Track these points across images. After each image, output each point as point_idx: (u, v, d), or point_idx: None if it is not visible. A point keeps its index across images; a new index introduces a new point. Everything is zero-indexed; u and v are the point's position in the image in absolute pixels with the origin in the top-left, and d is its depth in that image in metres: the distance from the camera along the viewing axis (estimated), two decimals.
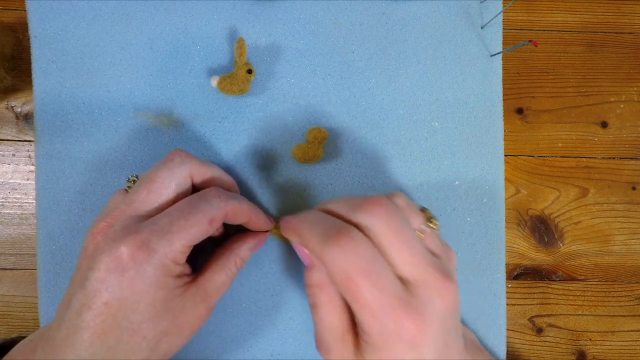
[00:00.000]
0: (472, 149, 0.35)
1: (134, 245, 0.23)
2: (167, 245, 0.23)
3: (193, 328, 0.26)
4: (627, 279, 0.38)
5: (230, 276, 0.28)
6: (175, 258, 0.24)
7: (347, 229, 0.23)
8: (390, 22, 0.35)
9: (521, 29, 0.37)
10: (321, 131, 0.32)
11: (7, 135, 0.34)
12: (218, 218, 0.25)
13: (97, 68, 0.33)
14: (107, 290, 0.23)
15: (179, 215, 0.24)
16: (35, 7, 0.32)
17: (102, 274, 0.23)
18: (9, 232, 0.34)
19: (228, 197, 0.26)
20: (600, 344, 0.37)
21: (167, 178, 0.26)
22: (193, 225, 0.24)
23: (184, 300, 0.25)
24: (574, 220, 0.37)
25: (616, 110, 0.38)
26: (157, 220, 0.24)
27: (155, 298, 0.24)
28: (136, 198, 0.25)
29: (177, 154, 0.27)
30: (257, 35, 0.34)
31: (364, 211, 0.24)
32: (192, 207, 0.25)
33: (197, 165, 0.27)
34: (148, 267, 0.23)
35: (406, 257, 0.23)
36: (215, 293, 0.27)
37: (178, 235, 0.24)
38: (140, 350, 0.24)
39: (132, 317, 0.23)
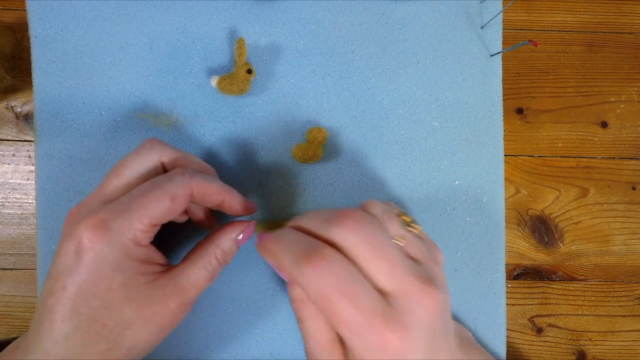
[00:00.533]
0: (472, 149, 0.35)
1: (91, 225, 0.22)
2: (124, 223, 0.23)
3: (162, 323, 0.24)
4: (627, 279, 0.38)
5: (210, 270, 0.26)
6: (135, 237, 0.23)
7: (319, 248, 0.23)
8: (390, 22, 0.35)
9: (521, 29, 0.37)
10: (321, 131, 0.32)
11: (7, 135, 0.34)
12: (180, 195, 0.24)
13: (97, 68, 0.33)
14: (67, 274, 0.22)
15: (139, 193, 0.24)
16: (35, 7, 0.32)
17: (63, 257, 0.23)
18: (9, 232, 0.34)
19: (193, 174, 0.25)
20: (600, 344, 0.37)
21: (135, 162, 0.25)
22: (152, 201, 0.23)
23: (151, 290, 0.24)
24: (574, 220, 0.37)
25: (616, 110, 0.38)
26: (119, 201, 0.24)
27: (113, 281, 0.23)
28: (105, 184, 0.25)
29: (149, 141, 0.26)
30: (257, 35, 0.34)
31: (336, 226, 0.23)
32: (154, 185, 0.24)
33: (167, 150, 0.26)
34: (106, 248, 0.22)
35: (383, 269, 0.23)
36: (190, 287, 0.25)
37: (137, 213, 0.23)
38: (100, 340, 0.23)
39: (91, 302, 0.22)
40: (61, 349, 0.22)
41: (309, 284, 0.22)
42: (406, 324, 0.22)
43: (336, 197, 0.33)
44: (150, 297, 0.23)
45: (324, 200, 0.33)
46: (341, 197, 0.33)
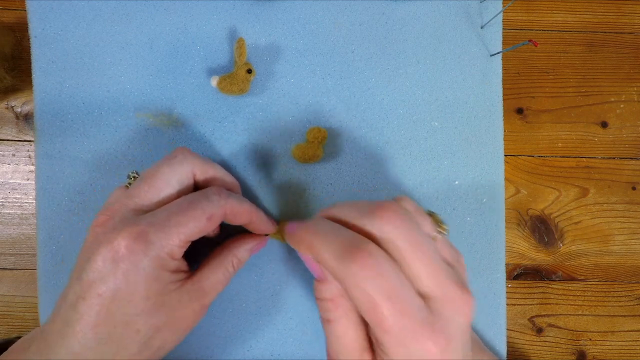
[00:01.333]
0: (472, 148, 0.35)
1: (130, 236, 0.23)
2: (164, 239, 0.23)
3: (187, 325, 0.26)
4: (627, 279, 0.38)
5: (227, 276, 0.28)
6: (172, 252, 0.24)
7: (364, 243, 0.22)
8: (390, 22, 0.35)
9: (521, 29, 0.37)
10: (321, 131, 0.32)
11: (7, 135, 0.34)
12: (217, 215, 0.25)
13: (97, 68, 0.33)
14: (102, 281, 0.23)
15: (178, 210, 0.24)
16: (35, 7, 0.32)
17: (99, 264, 0.23)
18: (9, 232, 0.34)
19: (228, 196, 0.26)
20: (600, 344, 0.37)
21: (169, 174, 0.26)
22: (191, 220, 0.24)
23: (179, 296, 0.25)
24: (574, 220, 0.37)
25: (616, 110, 0.38)
26: (156, 213, 0.24)
27: (150, 291, 0.23)
28: (137, 193, 0.25)
29: (181, 151, 0.27)
30: (257, 35, 0.34)
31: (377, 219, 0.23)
32: (192, 203, 0.25)
33: (199, 164, 0.27)
34: (144, 259, 0.23)
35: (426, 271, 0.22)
36: (211, 291, 0.26)
37: (176, 230, 0.24)
38: (133, 343, 0.23)
39: (126, 309, 0.23)
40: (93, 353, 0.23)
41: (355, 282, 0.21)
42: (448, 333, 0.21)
43: (336, 197, 0.33)
44: (179, 302, 0.25)
45: (324, 200, 0.33)
46: (341, 197, 0.34)
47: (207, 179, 0.27)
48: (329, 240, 0.23)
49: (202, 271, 0.27)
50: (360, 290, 0.21)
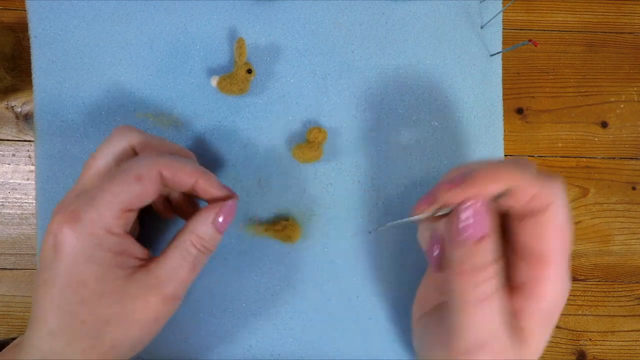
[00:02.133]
0: (472, 148, 0.35)
1: (64, 218, 0.22)
2: (92, 212, 0.22)
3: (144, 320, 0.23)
4: (627, 279, 0.38)
5: (190, 260, 0.24)
6: (106, 225, 0.22)
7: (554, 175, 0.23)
8: (390, 21, 0.35)
9: (521, 29, 0.37)
10: (321, 131, 0.32)
11: (7, 135, 0.34)
12: (147, 175, 0.23)
13: (97, 68, 0.33)
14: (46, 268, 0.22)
15: (107, 179, 0.23)
16: (35, 7, 0.32)
17: (43, 253, 0.23)
18: (9, 232, 0.34)
19: (161, 154, 0.24)
20: (600, 344, 0.37)
21: (104, 152, 0.25)
22: (118, 185, 0.22)
23: (127, 285, 0.23)
24: (574, 220, 0.37)
25: (616, 110, 0.38)
26: (88, 190, 0.23)
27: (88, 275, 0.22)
28: (80, 177, 0.25)
29: (118, 128, 0.26)
30: (257, 35, 0.34)
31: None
32: (118, 169, 0.23)
33: (138, 136, 0.26)
34: (78, 239, 0.22)
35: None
36: (169, 279, 0.23)
37: (104, 200, 0.22)
38: (81, 337, 0.22)
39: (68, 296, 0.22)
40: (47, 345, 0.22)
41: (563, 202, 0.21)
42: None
43: (336, 197, 0.33)
44: (126, 292, 0.22)
45: (324, 200, 0.33)
46: (341, 197, 0.33)
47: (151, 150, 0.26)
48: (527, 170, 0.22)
49: (159, 257, 0.24)
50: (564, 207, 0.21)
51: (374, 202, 0.34)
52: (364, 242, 0.34)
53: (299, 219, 0.33)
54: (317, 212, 0.33)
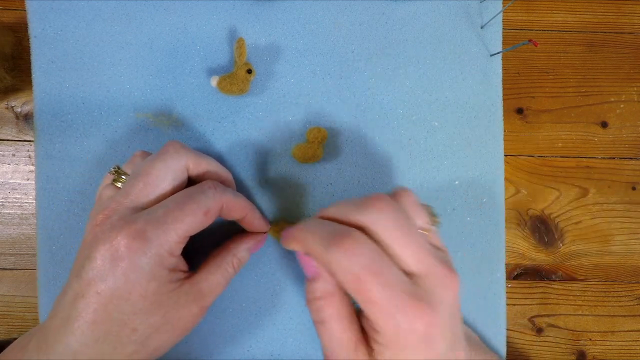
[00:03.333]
0: (472, 148, 0.35)
1: (129, 235, 0.23)
2: (162, 235, 0.23)
3: (185, 327, 0.26)
4: (627, 279, 0.38)
5: (227, 277, 0.27)
6: (170, 249, 0.24)
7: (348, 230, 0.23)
8: (390, 21, 0.35)
9: (521, 29, 0.37)
10: (321, 131, 0.32)
11: (7, 135, 0.34)
12: (213, 209, 0.25)
13: (97, 68, 0.33)
14: (102, 280, 0.23)
15: (174, 206, 0.24)
16: (35, 7, 0.32)
17: (98, 263, 0.23)
18: (9, 232, 0.34)
19: (224, 190, 0.27)
20: (600, 344, 0.37)
21: (163, 170, 0.26)
22: (188, 215, 0.24)
23: (177, 296, 0.25)
24: (574, 220, 0.37)
25: (616, 110, 0.38)
26: (153, 211, 0.24)
27: (148, 289, 0.23)
28: (132, 190, 0.25)
29: (172, 145, 0.27)
30: (256, 35, 0.34)
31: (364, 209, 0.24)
32: (188, 198, 0.25)
33: (192, 157, 0.27)
34: (143, 257, 0.23)
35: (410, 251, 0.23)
36: (209, 293, 0.26)
37: (173, 226, 0.24)
38: (129, 343, 0.24)
39: (123, 307, 0.23)
40: (91, 351, 0.23)
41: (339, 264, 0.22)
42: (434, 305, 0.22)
43: (336, 197, 0.33)
44: (176, 302, 0.25)
45: (324, 200, 0.33)
46: (341, 197, 0.34)
47: (201, 173, 0.28)
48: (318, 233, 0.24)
49: (201, 273, 0.27)
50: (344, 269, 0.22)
51: None
52: None
53: (299, 219, 0.33)
54: (317, 212, 0.33)
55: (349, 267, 0.22)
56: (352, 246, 0.22)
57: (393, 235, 0.23)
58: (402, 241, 0.23)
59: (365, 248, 0.22)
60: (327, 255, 0.23)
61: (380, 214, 0.24)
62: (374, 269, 0.22)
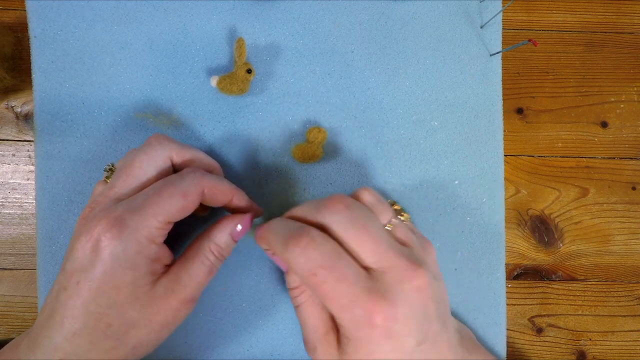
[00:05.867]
0: (472, 148, 0.35)
1: (108, 223, 0.23)
2: (140, 221, 0.23)
3: (165, 322, 0.24)
4: (627, 279, 0.38)
5: (208, 265, 0.26)
6: (150, 234, 0.23)
7: (305, 229, 0.24)
8: (389, 21, 0.35)
9: (521, 29, 0.37)
10: (321, 131, 0.32)
11: (7, 135, 0.34)
12: (192, 193, 0.25)
13: (97, 68, 0.33)
14: (82, 270, 0.23)
15: (153, 192, 0.24)
16: (35, 7, 0.32)
17: (79, 254, 0.23)
18: (9, 232, 0.34)
19: (204, 174, 0.26)
20: (600, 344, 0.37)
21: (145, 161, 0.26)
22: (165, 198, 0.24)
23: (154, 290, 0.24)
24: (574, 220, 0.37)
25: (616, 110, 0.38)
26: (133, 199, 0.24)
27: (123, 280, 0.23)
28: (116, 183, 0.25)
29: (155, 137, 0.27)
30: (256, 35, 0.34)
31: (324, 209, 0.24)
32: (166, 183, 0.25)
33: (175, 147, 0.27)
34: (121, 244, 0.23)
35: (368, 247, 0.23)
36: (190, 284, 0.25)
37: (152, 211, 0.23)
38: (106, 339, 0.23)
39: (99, 300, 0.23)
40: (69, 346, 0.23)
41: (296, 261, 0.23)
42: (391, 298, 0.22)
43: None
44: (152, 295, 0.24)
45: None
46: None
47: (186, 162, 0.27)
48: (279, 232, 0.25)
49: (179, 262, 0.26)
50: (301, 266, 0.23)
51: None
52: None
53: None
54: None
55: (305, 264, 0.23)
56: (308, 244, 0.23)
57: (350, 233, 0.24)
58: (359, 238, 0.24)
59: (322, 245, 0.23)
60: (285, 253, 0.23)
61: (337, 213, 0.24)
62: (330, 264, 0.22)
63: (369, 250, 0.23)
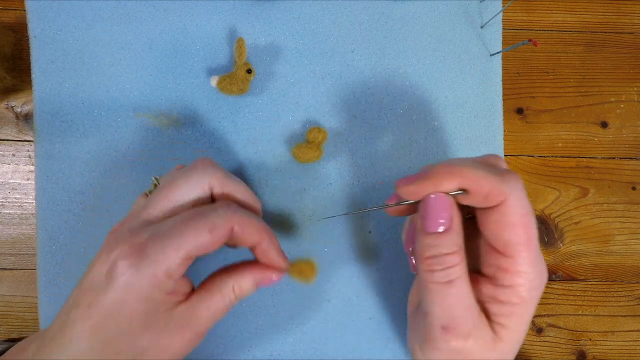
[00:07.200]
0: (472, 148, 0.35)
1: (128, 250, 0.22)
2: (161, 253, 0.22)
3: (175, 353, 0.23)
4: (627, 279, 0.38)
5: (227, 303, 0.25)
6: (168, 270, 0.22)
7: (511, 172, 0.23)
8: (389, 21, 0.35)
9: (521, 29, 0.37)
10: (321, 131, 0.32)
11: (7, 135, 0.34)
12: (221, 228, 0.23)
13: (97, 68, 0.33)
14: (94, 292, 0.22)
15: (181, 221, 0.23)
16: (35, 7, 0.32)
17: (95, 276, 0.22)
18: (9, 232, 0.34)
19: (237, 210, 0.24)
20: (600, 344, 0.37)
21: (184, 185, 0.25)
22: (191, 230, 0.22)
23: (169, 319, 0.23)
24: (574, 220, 0.37)
25: (616, 110, 0.38)
26: (160, 225, 0.23)
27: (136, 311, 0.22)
28: (150, 203, 0.24)
29: (201, 162, 0.26)
30: (256, 35, 0.34)
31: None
32: (197, 215, 0.23)
33: (218, 177, 0.25)
34: (136, 276, 0.21)
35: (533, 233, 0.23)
36: (206, 319, 0.24)
37: (174, 242, 0.22)
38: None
39: (109, 326, 0.22)
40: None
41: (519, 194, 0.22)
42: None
43: (336, 197, 0.33)
44: (166, 326, 0.23)
45: (324, 200, 0.33)
46: (341, 197, 0.33)
47: (226, 194, 0.26)
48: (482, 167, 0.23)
49: (199, 295, 0.24)
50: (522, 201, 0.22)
51: (373, 202, 0.34)
52: (363, 242, 0.34)
53: (299, 220, 0.33)
54: (317, 212, 0.33)
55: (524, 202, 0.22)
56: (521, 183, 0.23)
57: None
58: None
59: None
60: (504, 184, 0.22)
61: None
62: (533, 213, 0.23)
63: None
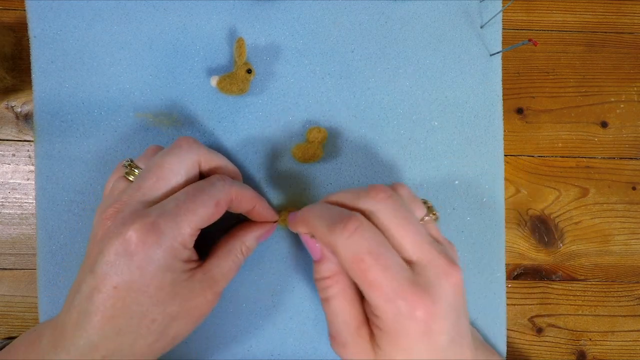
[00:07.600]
0: (472, 148, 0.35)
1: (142, 228, 0.23)
2: (175, 228, 0.24)
3: (201, 313, 0.26)
4: (627, 279, 0.38)
5: (237, 262, 0.28)
6: (183, 241, 0.24)
7: (352, 214, 0.24)
8: (389, 21, 0.35)
9: (521, 29, 0.37)
10: (321, 131, 0.32)
11: (7, 135, 0.34)
12: (223, 201, 0.26)
13: (96, 68, 0.33)
14: (117, 274, 0.23)
15: (186, 198, 0.25)
16: (35, 7, 0.32)
17: (112, 257, 0.23)
18: (9, 232, 0.34)
19: (232, 182, 0.27)
20: (600, 344, 0.37)
21: (176, 164, 0.26)
22: (199, 207, 0.25)
23: (192, 285, 0.25)
24: (574, 220, 0.37)
25: (616, 110, 0.38)
26: (165, 204, 0.25)
27: (164, 281, 0.24)
28: (144, 184, 0.25)
29: (185, 140, 0.27)
30: (256, 35, 0.34)
31: (368, 197, 0.25)
32: (199, 191, 0.25)
33: (204, 153, 0.27)
34: (157, 250, 0.23)
35: (411, 240, 0.24)
36: (221, 279, 0.27)
37: (185, 218, 0.24)
38: (150, 333, 0.24)
39: (141, 300, 0.23)
40: (112, 344, 0.23)
41: (344, 245, 0.23)
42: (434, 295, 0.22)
43: None
44: (191, 291, 0.25)
45: None
46: None
47: (211, 168, 0.28)
48: (323, 216, 0.25)
49: (212, 260, 0.27)
50: (347, 251, 0.23)
51: None
52: None
53: None
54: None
55: (352, 249, 0.23)
56: (357, 229, 0.23)
57: (394, 223, 0.24)
58: (403, 229, 0.24)
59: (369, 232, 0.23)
60: (331, 236, 0.24)
61: (382, 202, 0.24)
62: (376, 252, 0.23)
63: (412, 243, 0.24)
